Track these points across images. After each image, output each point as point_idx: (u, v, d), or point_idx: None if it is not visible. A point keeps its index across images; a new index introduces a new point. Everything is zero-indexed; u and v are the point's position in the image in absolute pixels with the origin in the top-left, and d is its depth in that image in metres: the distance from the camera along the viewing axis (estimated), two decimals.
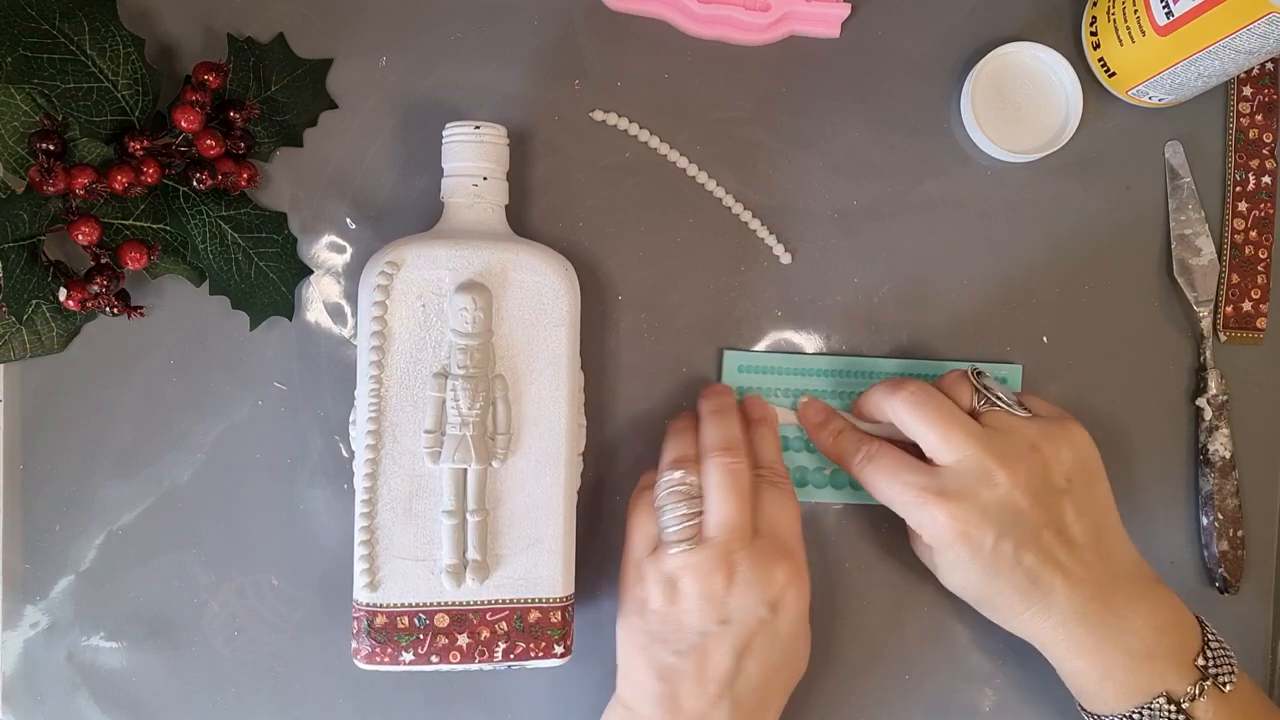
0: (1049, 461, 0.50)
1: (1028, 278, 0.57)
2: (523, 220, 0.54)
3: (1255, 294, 0.59)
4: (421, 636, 0.48)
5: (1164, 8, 0.51)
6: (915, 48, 0.57)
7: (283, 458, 0.54)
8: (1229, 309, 0.58)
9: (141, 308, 0.51)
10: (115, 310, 0.50)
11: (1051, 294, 0.57)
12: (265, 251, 0.52)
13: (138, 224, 0.51)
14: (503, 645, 0.48)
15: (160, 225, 0.51)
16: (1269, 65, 0.59)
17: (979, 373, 0.52)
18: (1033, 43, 0.56)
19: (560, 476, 0.49)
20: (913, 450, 0.52)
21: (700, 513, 0.49)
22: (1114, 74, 0.56)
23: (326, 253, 0.54)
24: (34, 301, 0.49)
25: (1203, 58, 0.51)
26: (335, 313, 0.54)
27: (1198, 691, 0.48)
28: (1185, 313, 0.58)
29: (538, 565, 0.49)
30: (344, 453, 0.54)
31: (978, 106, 0.56)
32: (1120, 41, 0.54)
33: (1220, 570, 0.57)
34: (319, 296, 0.54)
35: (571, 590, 0.50)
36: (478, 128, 0.50)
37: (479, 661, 0.48)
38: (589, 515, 0.54)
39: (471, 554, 0.48)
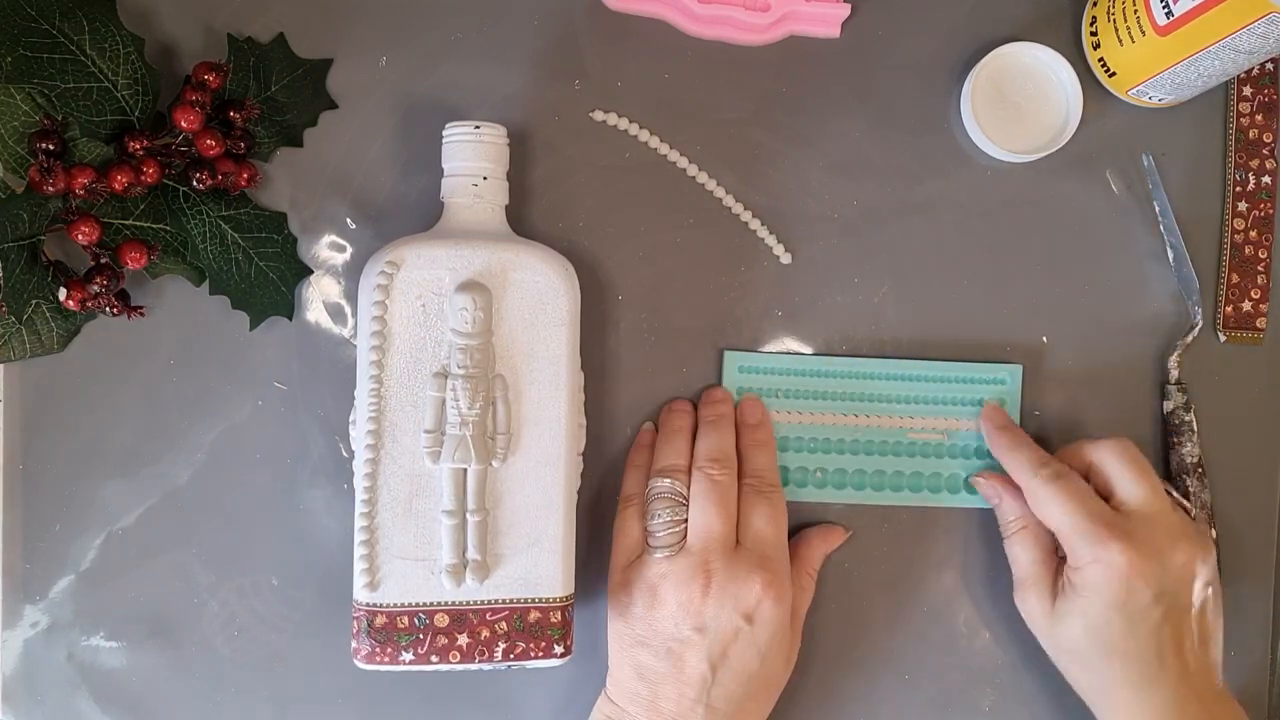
0: (1211, 560, 0.51)
1: (1027, 278, 0.57)
2: (523, 220, 0.54)
3: (1255, 294, 0.59)
4: (421, 636, 0.48)
5: (1164, 8, 0.51)
6: (915, 48, 0.57)
7: (283, 458, 0.54)
8: (1229, 309, 0.58)
9: (141, 308, 0.51)
10: (115, 310, 0.50)
11: (1051, 294, 0.57)
12: (265, 251, 0.52)
13: (138, 224, 0.51)
14: (503, 645, 0.48)
15: (160, 225, 0.51)
16: (1269, 65, 0.59)
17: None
18: (1033, 43, 0.56)
19: (560, 476, 0.49)
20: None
21: (686, 520, 0.50)
22: (1114, 74, 0.56)
23: (326, 253, 0.54)
24: (34, 301, 0.49)
25: (1203, 58, 0.51)
26: (335, 313, 0.54)
27: None
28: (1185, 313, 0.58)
29: (538, 565, 0.49)
30: (344, 453, 0.54)
31: (978, 106, 0.56)
32: (1120, 41, 0.54)
33: None
34: (319, 296, 0.54)
35: (571, 590, 0.49)
36: (478, 128, 0.50)
37: (479, 661, 0.48)
38: (589, 515, 0.54)
39: (471, 554, 0.48)
